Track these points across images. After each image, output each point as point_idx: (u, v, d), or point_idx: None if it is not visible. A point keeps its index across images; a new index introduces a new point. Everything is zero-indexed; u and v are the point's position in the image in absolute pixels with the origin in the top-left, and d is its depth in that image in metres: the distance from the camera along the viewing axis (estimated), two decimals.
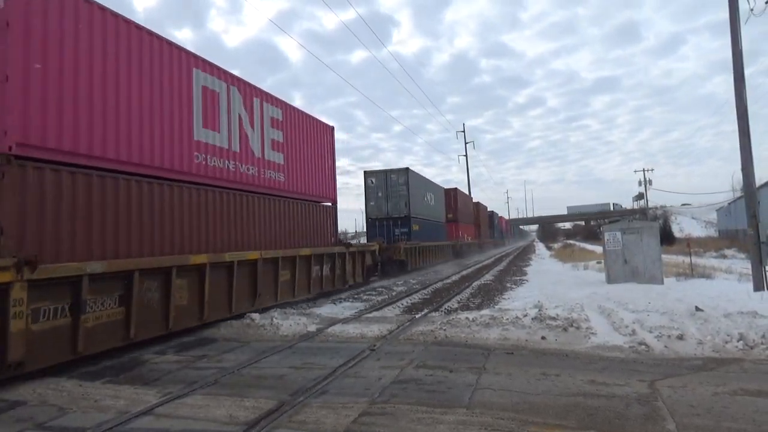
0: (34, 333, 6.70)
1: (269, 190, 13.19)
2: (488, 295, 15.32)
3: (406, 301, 14.54)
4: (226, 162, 11.45)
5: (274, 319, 10.70)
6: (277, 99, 14.00)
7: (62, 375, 7.06)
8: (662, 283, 14.57)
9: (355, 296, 16.23)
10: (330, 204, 17.00)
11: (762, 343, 7.15)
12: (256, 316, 11.05)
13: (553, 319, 9.01)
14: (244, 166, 12.09)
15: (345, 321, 10.97)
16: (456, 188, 39.04)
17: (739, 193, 51.01)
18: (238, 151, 11.91)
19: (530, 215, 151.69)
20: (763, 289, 11.66)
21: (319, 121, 16.60)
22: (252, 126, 12.61)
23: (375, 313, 12.24)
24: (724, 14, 12.32)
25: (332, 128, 17.72)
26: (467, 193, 51.01)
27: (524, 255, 45.41)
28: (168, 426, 5.03)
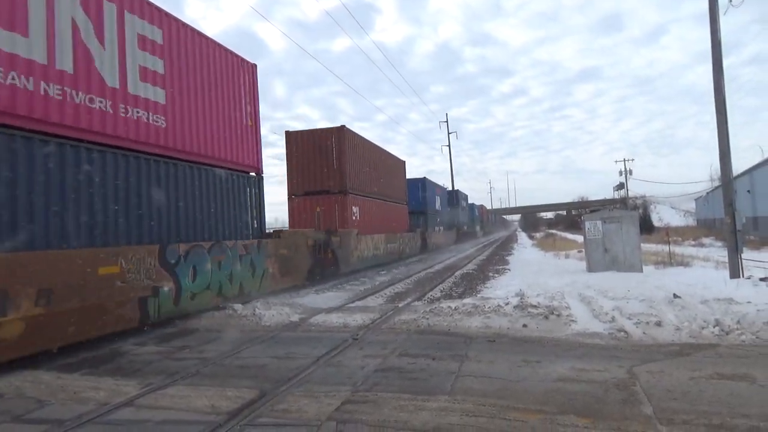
0: None
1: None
2: (471, 284, 15.42)
3: (389, 291, 14.58)
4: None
5: (257, 310, 10.66)
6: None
7: (40, 367, 6.96)
8: (641, 271, 14.80)
9: (339, 286, 16.23)
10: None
11: (737, 329, 7.30)
12: (238, 306, 11.00)
13: (535, 307, 9.10)
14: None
15: (328, 311, 10.96)
16: None
17: (716, 183, 51.84)
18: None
19: (513, 205, 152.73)
20: (739, 276, 11.89)
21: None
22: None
23: (358, 303, 12.25)
24: (706, 4, 12.44)
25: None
26: (449, 185, 52.37)
27: (506, 244, 45.75)
28: (149, 417, 4.99)
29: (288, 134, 20.96)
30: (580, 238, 33.47)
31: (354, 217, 20.70)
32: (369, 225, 22.58)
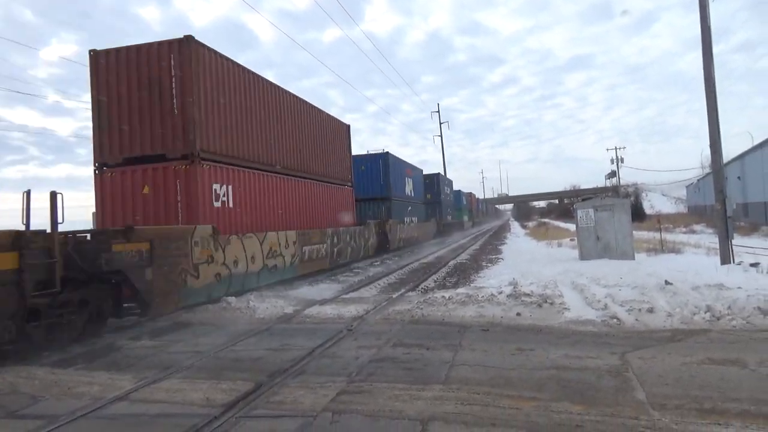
0: None
1: None
2: (464, 274, 15.47)
3: (383, 281, 14.60)
4: None
5: (251, 302, 10.66)
6: None
7: (33, 363, 6.93)
8: (633, 258, 14.89)
9: (332, 277, 16.23)
10: None
11: (728, 314, 7.38)
12: (232, 299, 10.99)
13: (528, 295, 9.15)
14: None
15: (322, 302, 10.96)
16: None
17: (707, 170, 52.17)
18: None
19: (505, 194, 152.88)
20: (730, 263, 11.98)
21: None
22: None
23: (352, 294, 12.27)
24: None
25: None
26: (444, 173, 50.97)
27: (500, 234, 45.91)
28: (144, 410, 4.98)
29: (95, 56, 11.91)
30: (572, 227, 33.56)
31: (220, 203, 12.11)
32: (259, 216, 13.81)
